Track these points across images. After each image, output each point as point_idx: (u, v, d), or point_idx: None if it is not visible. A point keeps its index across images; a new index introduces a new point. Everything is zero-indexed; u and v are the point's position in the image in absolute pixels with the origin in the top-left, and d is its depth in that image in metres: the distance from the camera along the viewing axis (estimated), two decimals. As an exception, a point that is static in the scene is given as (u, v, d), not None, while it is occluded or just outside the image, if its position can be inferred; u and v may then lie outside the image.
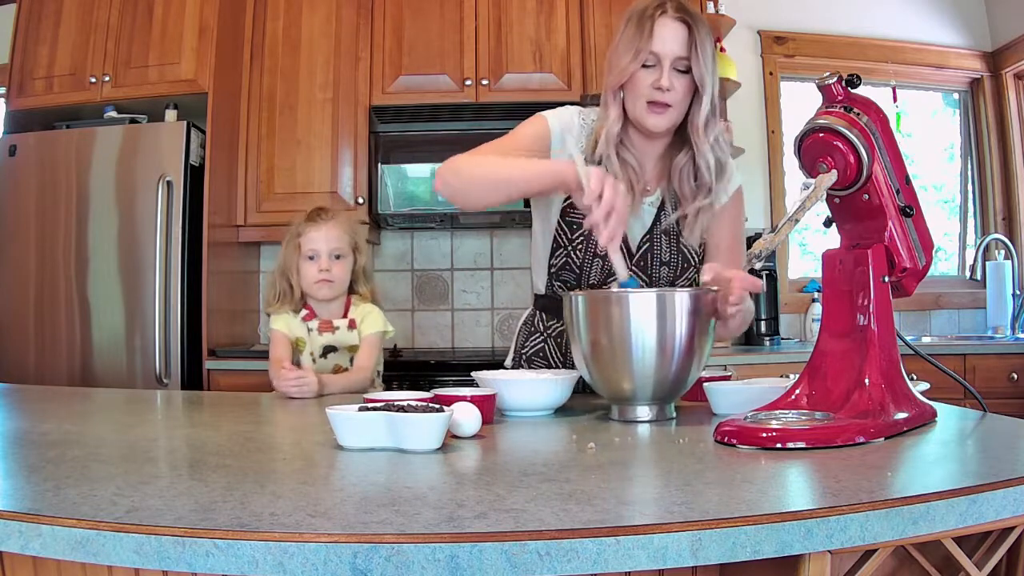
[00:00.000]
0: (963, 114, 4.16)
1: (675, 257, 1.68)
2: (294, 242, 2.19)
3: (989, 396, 1.55)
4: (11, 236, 3.19)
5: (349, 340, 2.14)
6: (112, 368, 3.08)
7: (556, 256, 1.70)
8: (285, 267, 2.19)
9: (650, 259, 1.68)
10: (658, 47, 1.56)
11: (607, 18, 3.39)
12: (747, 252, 1.19)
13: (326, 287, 2.14)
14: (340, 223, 2.21)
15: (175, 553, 0.70)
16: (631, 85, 1.60)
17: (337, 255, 2.16)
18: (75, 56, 3.28)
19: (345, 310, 2.19)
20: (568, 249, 1.69)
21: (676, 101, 1.58)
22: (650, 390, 1.30)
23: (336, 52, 3.41)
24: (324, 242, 2.15)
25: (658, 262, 1.68)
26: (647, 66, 1.58)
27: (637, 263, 1.67)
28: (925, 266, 1.24)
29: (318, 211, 2.24)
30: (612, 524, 0.72)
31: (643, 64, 1.58)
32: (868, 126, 1.17)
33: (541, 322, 1.79)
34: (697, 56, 1.56)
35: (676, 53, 1.56)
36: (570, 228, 1.68)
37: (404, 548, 0.68)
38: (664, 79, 1.56)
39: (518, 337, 1.85)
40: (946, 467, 1.02)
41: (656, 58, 1.57)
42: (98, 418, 1.61)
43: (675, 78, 1.57)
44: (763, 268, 3.56)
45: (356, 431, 1.10)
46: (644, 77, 1.58)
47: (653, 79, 1.57)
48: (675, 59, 1.56)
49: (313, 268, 2.14)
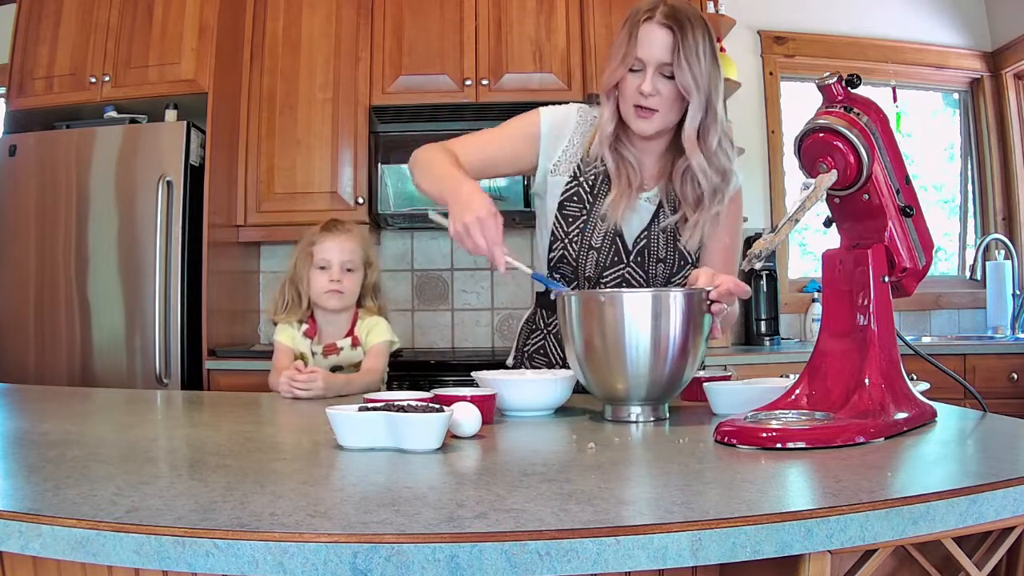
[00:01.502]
0: (963, 114, 4.16)
1: (671, 255, 1.68)
2: (307, 251, 2.20)
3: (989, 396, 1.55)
4: (11, 236, 3.19)
5: (354, 358, 2.14)
6: (112, 368, 3.08)
7: (554, 249, 1.71)
8: (295, 276, 2.20)
9: (647, 255, 1.68)
10: (642, 53, 1.57)
11: (607, 18, 3.39)
12: (747, 252, 1.19)
13: (335, 298, 2.14)
14: (354, 236, 2.22)
15: (175, 553, 0.70)
16: (621, 88, 1.62)
17: (349, 268, 2.17)
18: (75, 56, 3.29)
19: (351, 325, 2.18)
20: (564, 242, 1.69)
21: (662, 106, 1.59)
22: (644, 390, 1.29)
23: (336, 52, 3.41)
24: (337, 253, 2.16)
25: (654, 259, 1.68)
26: (634, 70, 1.59)
27: (634, 259, 1.68)
28: (925, 266, 1.24)
29: (333, 223, 2.25)
30: (612, 524, 0.72)
31: (630, 68, 1.59)
32: (868, 126, 1.17)
33: (542, 319, 1.80)
34: (681, 63, 1.55)
35: (660, 59, 1.56)
36: (566, 221, 1.69)
37: (404, 548, 0.68)
38: (647, 85, 1.56)
39: (520, 335, 1.86)
40: (946, 467, 1.02)
41: (641, 63, 1.58)
42: (98, 418, 1.61)
43: (661, 84, 1.57)
44: (763, 268, 3.56)
45: (356, 431, 1.10)
46: (631, 81, 1.59)
47: (638, 84, 1.58)
48: (659, 65, 1.57)
49: (324, 278, 2.14)
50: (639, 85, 1.58)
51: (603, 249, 1.67)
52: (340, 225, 2.24)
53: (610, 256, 1.67)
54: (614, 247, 1.68)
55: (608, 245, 1.68)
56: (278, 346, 2.15)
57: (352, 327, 2.18)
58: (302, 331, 2.15)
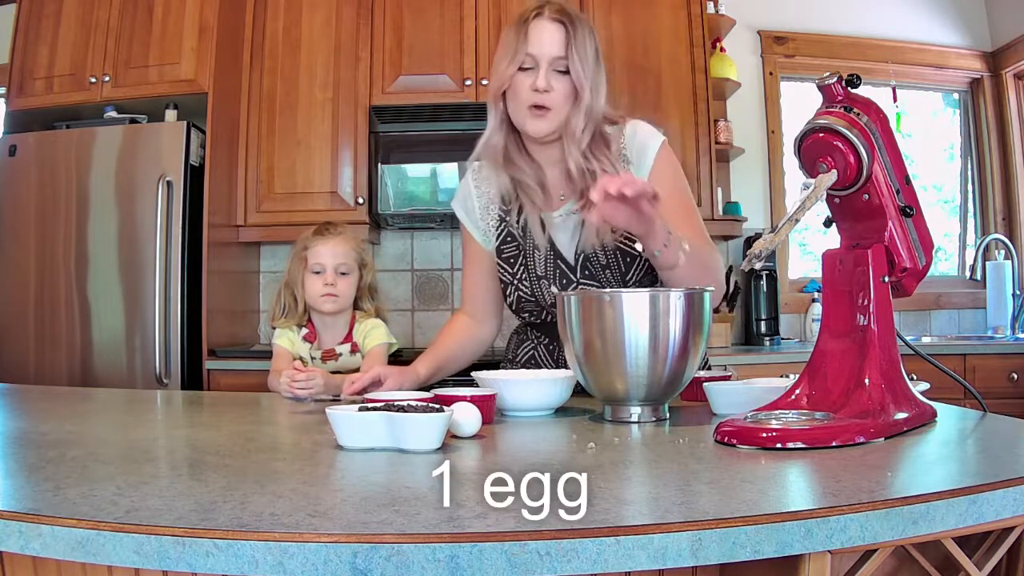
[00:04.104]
0: (963, 114, 4.16)
1: (613, 258, 1.62)
2: (300, 255, 2.19)
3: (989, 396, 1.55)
4: (11, 236, 3.19)
5: (352, 364, 2.14)
6: (112, 368, 3.08)
7: (509, 296, 1.70)
8: (290, 280, 2.19)
9: (592, 266, 1.63)
10: (534, 49, 1.54)
11: (607, 18, 3.39)
12: (747, 252, 1.19)
13: (331, 301, 2.14)
14: (347, 239, 2.21)
15: (175, 553, 0.70)
16: (512, 91, 1.57)
17: (343, 271, 2.16)
18: (75, 56, 3.28)
19: (349, 328, 2.18)
20: (515, 284, 1.68)
21: (557, 103, 1.55)
22: (643, 391, 1.29)
23: (336, 52, 3.41)
24: (331, 257, 2.15)
25: (599, 266, 1.63)
26: (525, 69, 1.56)
27: (581, 274, 1.63)
28: (925, 266, 1.24)
29: (326, 226, 2.24)
30: (612, 524, 0.72)
31: (521, 67, 1.55)
32: (868, 126, 1.17)
33: (531, 328, 1.79)
34: (574, 56, 1.53)
35: (553, 53, 1.54)
36: (508, 263, 1.67)
37: (404, 548, 0.68)
38: (541, 80, 1.53)
39: (509, 344, 1.85)
40: (946, 467, 1.02)
41: (534, 60, 1.55)
42: (98, 418, 1.61)
43: (555, 80, 1.55)
44: (763, 268, 3.56)
45: (356, 431, 1.10)
46: (523, 80, 1.56)
47: (531, 81, 1.54)
48: (552, 59, 1.54)
49: (318, 282, 2.14)
50: (532, 83, 1.54)
51: (550, 275, 1.64)
52: (333, 228, 2.23)
53: (559, 280, 1.63)
54: (558, 270, 1.64)
55: (553, 270, 1.64)
56: (277, 350, 2.15)
57: (350, 331, 2.17)
58: (301, 335, 2.15)
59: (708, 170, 3.40)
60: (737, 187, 3.79)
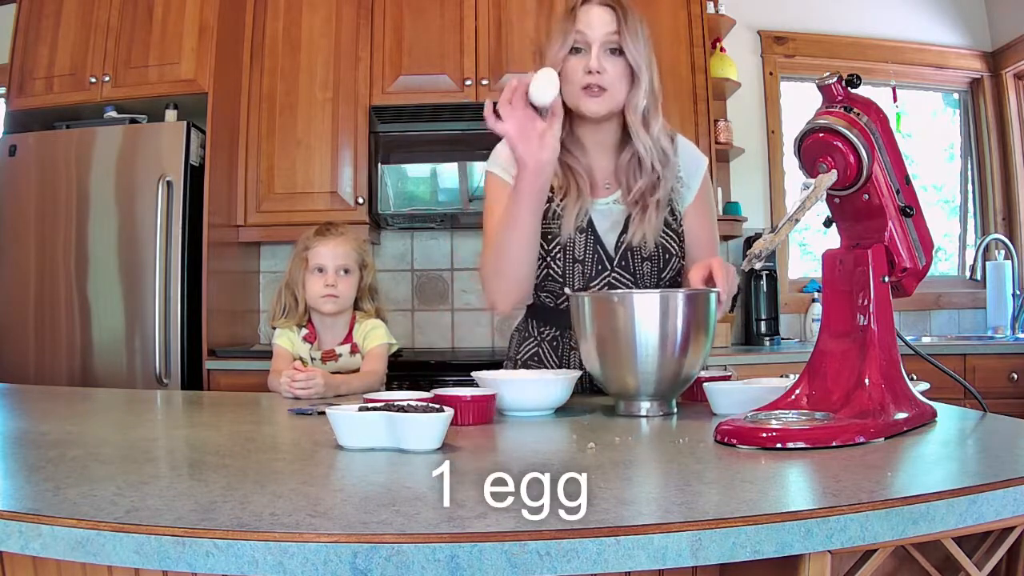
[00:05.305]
0: (963, 114, 4.16)
1: (657, 251, 1.65)
2: (301, 255, 2.19)
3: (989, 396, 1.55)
4: (11, 236, 3.19)
5: (352, 365, 2.13)
6: (112, 368, 3.08)
7: (538, 268, 1.69)
8: (291, 280, 2.19)
9: (631, 258, 1.65)
10: (585, 28, 1.56)
11: (607, 18, 3.39)
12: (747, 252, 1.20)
13: (331, 302, 2.14)
14: (348, 239, 2.21)
15: (175, 553, 0.70)
16: (564, 74, 1.57)
17: (344, 271, 2.16)
18: (75, 56, 3.28)
19: (349, 329, 2.18)
20: (547, 260, 1.67)
21: (611, 84, 1.57)
22: (652, 386, 1.35)
23: (336, 52, 3.41)
24: (331, 257, 2.15)
25: (639, 259, 1.65)
26: (577, 50, 1.57)
27: (618, 264, 1.65)
28: (925, 266, 1.24)
29: (327, 226, 2.24)
30: (612, 524, 0.72)
31: (574, 48, 1.57)
32: (868, 126, 1.17)
33: (534, 327, 1.78)
34: (626, 36, 1.55)
35: (605, 35, 1.55)
36: (546, 240, 1.66)
37: (404, 548, 0.68)
38: (594, 61, 1.55)
39: (511, 343, 1.84)
40: (946, 467, 1.02)
41: (585, 42, 1.56)
42: (98, 418, 1.61)
43: (607, 60, 1.56)
44: (763, 268, 3.56)
45: (356, 431, 1.10)
46: (575, 63, 1.57)
47: (584, 63, 1.56)
48: (604, 40, 1.56)
49: (319, 282, 2.14)
50: (585, 64, 1.56)
51: (587, 261, 1.64)
52: (334, 228, 2.23)
53: (594, 266, 1.64)
54: (596, 256, 1.65)
55: (591, 256, 1.65)
56: (277, 350, 2.14)
57: (350, 332, 2.17)
58: (302, 335, 2.15)
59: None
60: (737, 187, 3.79)
